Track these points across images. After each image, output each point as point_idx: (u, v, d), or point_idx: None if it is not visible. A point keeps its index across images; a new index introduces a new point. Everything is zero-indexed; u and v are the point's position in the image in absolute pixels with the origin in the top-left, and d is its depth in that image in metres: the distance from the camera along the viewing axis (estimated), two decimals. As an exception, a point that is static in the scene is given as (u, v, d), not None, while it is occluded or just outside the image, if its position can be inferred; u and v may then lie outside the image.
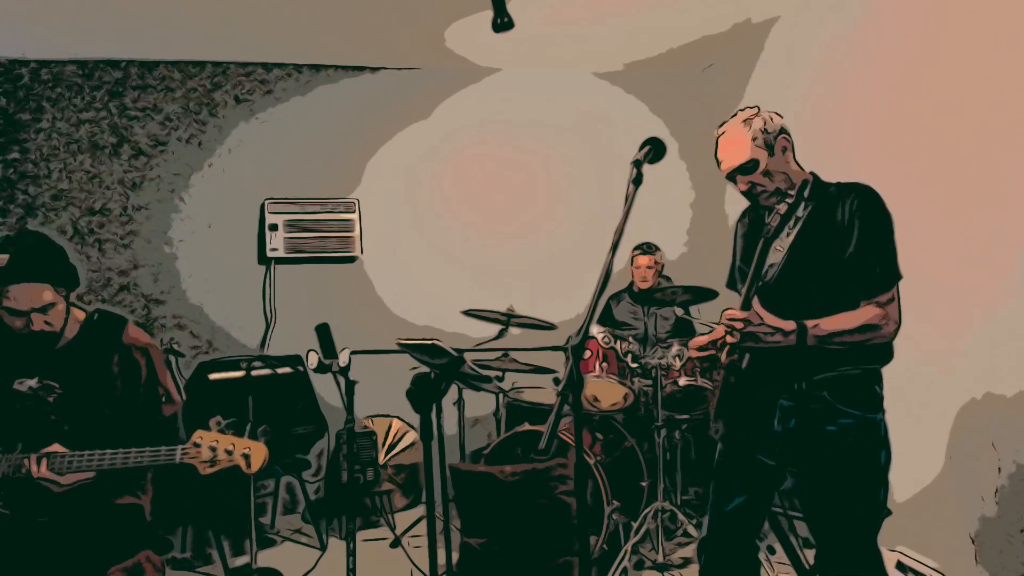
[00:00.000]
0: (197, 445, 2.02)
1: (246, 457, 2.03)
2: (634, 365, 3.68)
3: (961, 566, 2.98)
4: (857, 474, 2.05)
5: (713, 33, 4.58)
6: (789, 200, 2.04)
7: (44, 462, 2.02)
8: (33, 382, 2.18)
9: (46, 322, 2.14)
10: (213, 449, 2.02)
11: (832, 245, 2.07)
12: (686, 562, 3.53)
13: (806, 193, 2.07)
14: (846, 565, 2.05)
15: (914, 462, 3.15)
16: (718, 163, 2.23)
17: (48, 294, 2.14)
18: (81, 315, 2.31)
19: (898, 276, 2.07)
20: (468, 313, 4.06)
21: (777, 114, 2.21)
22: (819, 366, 2.06)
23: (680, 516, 3.46)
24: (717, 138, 2.23)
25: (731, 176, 2.19)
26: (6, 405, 2.17)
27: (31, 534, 2.10)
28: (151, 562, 2.19)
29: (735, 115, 2.22)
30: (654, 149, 1.99)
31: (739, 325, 1.99)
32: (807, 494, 2.16)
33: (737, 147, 2.15)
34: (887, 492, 2.08)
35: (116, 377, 2.23)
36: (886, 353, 2.11)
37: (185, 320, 4.66)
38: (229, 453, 2.02)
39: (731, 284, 2.46)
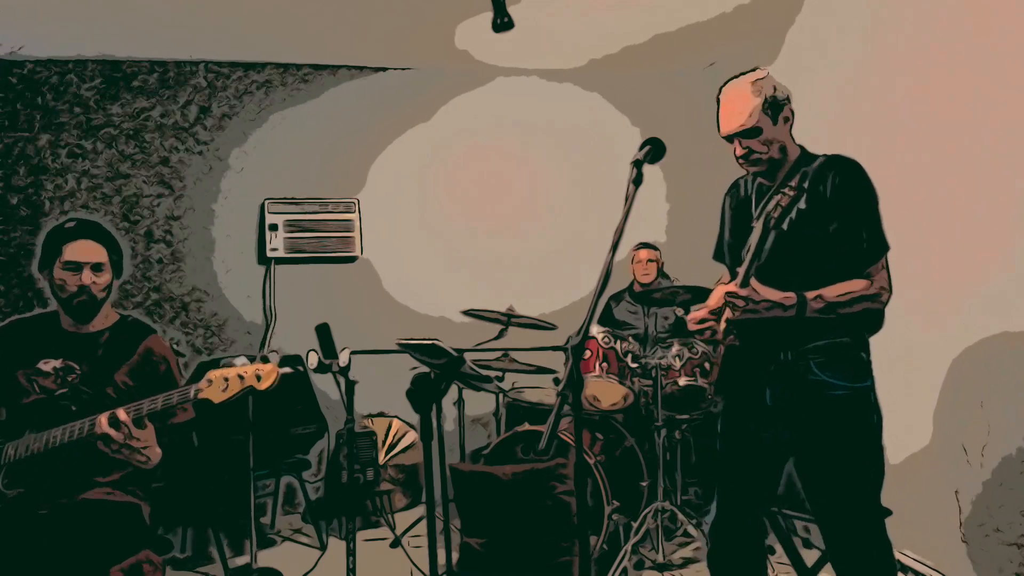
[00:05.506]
0: (210, 381, 2.07)
1: (258, 376, 2.07)
2: (634, 365, 3.68)
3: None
4: (850, 444, 2.07)
5: (713, 32, 4.58)
6: (791, 193, 2.04)
7: (121, 410, 2.04)
8: (57, 363, 2.27)
9: (94, 282, 2.29)
10: (225, 379, 2.07)
11: (818, 220, 2.08)
12: (686, 562, 3.53)
13: (806, 184, 2.08)
14: (851, 535, 2.07)
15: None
16: (718, 124, 2.20)
17: (103, 255, 2.32)
18: (116, 316, 2.45)
19: (885, 247, 2.09)
20: (468, 313, 4.06)
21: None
22: (806, 336, 2.08)
23: (680, 516, 3.45)
24: (720, 96, 2.20)
25: (729, 138, 2.19)
26: (25, 388, 2.25)
27: (31, 533, 2.10)
28: (151, 562, 2.19)
29: (744, 74, 2.18)
30: (654, 149, 2.00)
31: (740, 303, 2.00)
32: (803, 468, 2.17)
33: (743, 111, 2.12)
34: (882, 457, 2.11)
35: (133, 375, 2.32)
36: (875, 321, 2.13)
37: (185, 320, 4.66)
38: (241, 378, 2.07)
39: (718, 256, 2.46)
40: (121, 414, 2.02)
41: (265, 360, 2.10)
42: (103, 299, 2.35)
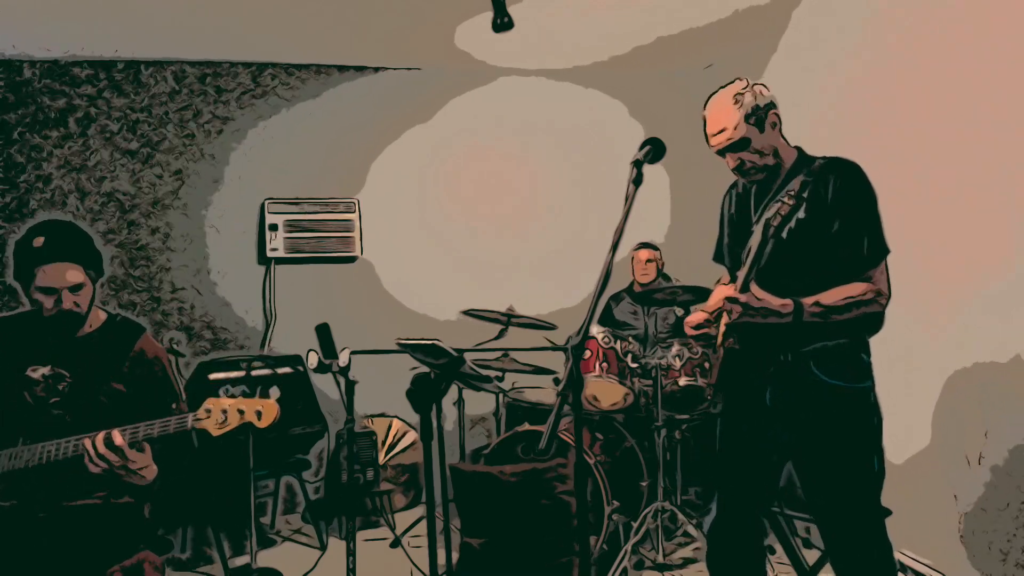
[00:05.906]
0: (208, 411, 2.03)
1: (258, 414, 2.03)
2: (634, 365, 3.68)
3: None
4: (849, 445, 2.07)
5: (713, 32, 4.57)
6: (791, 202, 2.04)
7: (117, 433, 1.98)
8: (46, 370, 2.19)
9: (75, 303, 2.19)
10: (224, 411, 2.02)
11: (819, 225, 2.09)
12: (686, 562, 3.54)
13: (806, 194, 2.07)
14: (850, 537, 2.07)
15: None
16: (707, 139, 2.22)
17: (79, 274, 2.19)
18: (103, 315, 2.35)
19: (886, 251, 2.09)
20: (468, 313, 4.07)
21: (764, 86, 2.20)
22: (806, 338, 2.09)
23: (680, 516, 3.46)
24: (704, 113, 2.22)
25: (720, 152, 2.20)
26: (16, 393, 2.18)
27: (30, 533, 2.09)
28: (151, 562, 2.18)
29: (724, 88, 2.20)
30: (654, 149, 2.00)
31: (739, 308, 2.02)
32: (802, 469, 2.17)
33: (727, 125, 2.15)
34: (882, 458, 2.10)
35: (126, 379, 2.24)
36: (875, 322, 2.13)
37: (185, 320, 4.66)
38: (241, 413, 2.02)
39: (717, 258, 2.47)
40: (117, 438, 1.97)
41: (266, 395, 2.06)
42: (87, 311, 2.24)
